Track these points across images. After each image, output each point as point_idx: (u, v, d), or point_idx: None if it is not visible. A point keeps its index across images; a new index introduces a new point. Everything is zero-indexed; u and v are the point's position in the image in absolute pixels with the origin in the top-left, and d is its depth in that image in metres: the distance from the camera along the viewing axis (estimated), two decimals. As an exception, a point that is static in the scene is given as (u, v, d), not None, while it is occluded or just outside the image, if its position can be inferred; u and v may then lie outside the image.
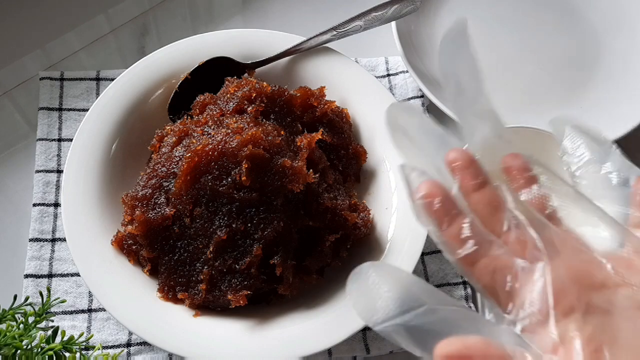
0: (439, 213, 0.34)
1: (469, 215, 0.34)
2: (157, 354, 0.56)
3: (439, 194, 0.34)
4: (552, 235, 0.34)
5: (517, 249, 0.33)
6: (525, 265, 0.33)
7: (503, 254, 0.33)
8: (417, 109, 0.38)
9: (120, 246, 0.55)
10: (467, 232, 0.33)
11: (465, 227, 0.34)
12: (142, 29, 0.75)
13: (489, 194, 0.35)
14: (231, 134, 0.54)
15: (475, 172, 0.36)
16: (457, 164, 0.36)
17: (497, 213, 0.35)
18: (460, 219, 0.34)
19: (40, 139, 0.64)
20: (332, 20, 0.64)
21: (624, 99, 0.71)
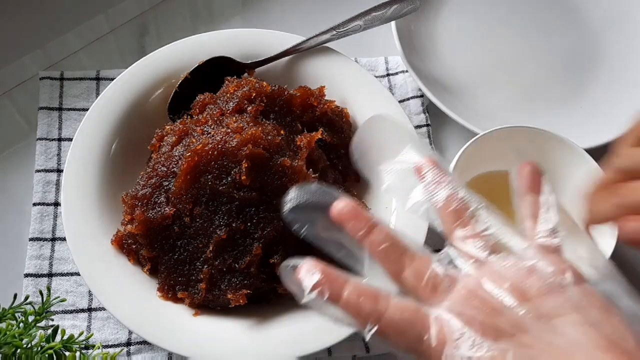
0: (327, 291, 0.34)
1: (350, 278, 0.35)
2: (156, 353, 0.56)
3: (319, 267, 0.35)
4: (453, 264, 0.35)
5: (417, 287, 0.35)
6: (428, 309, 0.34)
7: (404, 307, 0.34)
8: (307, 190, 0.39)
9: (120, 245, 0.55)
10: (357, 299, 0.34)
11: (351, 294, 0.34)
12: (142, 29, 0.75)
13: (377, 237, 0.36)
14: (231, 133, 0.54)
15: (359, 219, 0.37)
16: (342, 215, 0.37)
17: (392, 252, 0.36)
18: (346, 286, 0.34)
19: (40, 139, 0.64)
20: (332, 20, 0.64)
21: (623, 99, 0.71)
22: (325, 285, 0.34)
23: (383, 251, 0.36)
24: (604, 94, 0.72)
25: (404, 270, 0.36)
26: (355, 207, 0.37)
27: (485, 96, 0.72)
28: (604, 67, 0.74)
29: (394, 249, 0.36)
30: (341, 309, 0.34)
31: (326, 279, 0.34)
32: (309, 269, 0.35)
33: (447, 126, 0.70)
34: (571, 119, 0.70)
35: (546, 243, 0.36)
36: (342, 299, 0.34)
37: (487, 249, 0.35)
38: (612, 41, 0.76)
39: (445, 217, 0.37)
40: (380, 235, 0.36)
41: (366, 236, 0.36)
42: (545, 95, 0.72)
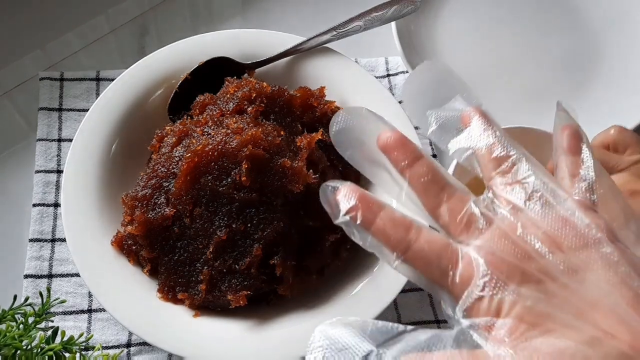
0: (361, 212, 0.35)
1: (386, 206, 0.35)
2: (157, 354, 0.56)
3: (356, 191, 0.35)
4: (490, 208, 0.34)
5: (451, 223, 0.34)
6: (458, 245, 0.34)
7: (434, 240, 0.34)
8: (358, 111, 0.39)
9: (120, 246, 0.55)
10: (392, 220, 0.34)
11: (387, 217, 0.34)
12: (142, 29, 0.75)
13: (419, 169, 0.36)
14: (231, 134, 0.54)
15: (404, 150, 0.36)
16: (388, 145, 0.37)
17: (432, 186, 0.35)
18: (380, 213, 0.34)
19: (40, 139, 0.64)
20: (332, 20, 0.64)
21: (624, 98, 0.71)
22: (360, 210, 0.35)
23: (423, 184, 0.36)
24: (604, 94, 0.72)
25: (441, 206, 0.35)
26: (402, 137, 0.37)
27: (485, 96, 0.71)
28: (604, 67, 0.74)
29: (434, 183, 0.36)
30: (372, 235, 0.34)
31: (362, 204, 0.35)
32: (347, 193, 0.35)
33: (447, 126, 0.70)
34: (571, 119, 0.70)
35: (583, 199, 0.35)
36: (374, 225, 0.34)
37: (525, 196, 0.35)
38: (612, 41, 0.76)
39: (486, 163, 0.37)
40: (423, 168, 0.36)
41: (409, 167, 0.36)
42: (545, 95, 0.72)
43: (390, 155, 0.37)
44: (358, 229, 0.35)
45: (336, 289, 0.55)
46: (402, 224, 0.34)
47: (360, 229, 0.35)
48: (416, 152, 0.37)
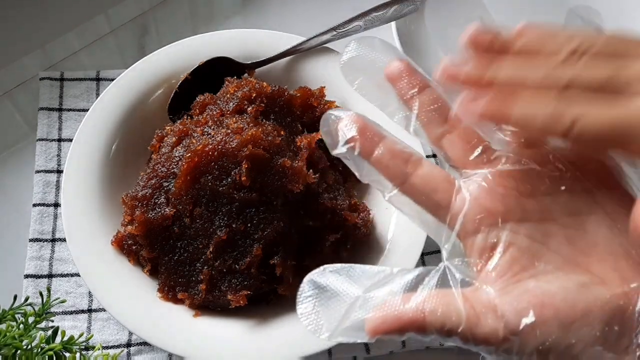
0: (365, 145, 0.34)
1: (386, 137, 0.34)
2: (157, 354, 0.56)
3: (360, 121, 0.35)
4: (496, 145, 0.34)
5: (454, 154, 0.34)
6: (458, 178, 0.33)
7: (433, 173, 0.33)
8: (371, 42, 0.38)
9: (120, 246, 0.55)
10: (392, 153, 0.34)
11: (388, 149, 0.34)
12: (142, 29, 0.75)
13: (424, 98, 0.35)
14: (231, 134, 0.54)
15: (410, 80, 0.36)
16: (394, 74, 0.36)
17: (437, 117, 0.35)
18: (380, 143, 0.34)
19: (40, 139, 0.64)
20: (332, 20, 0.64)
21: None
22: (359, 141, 0.34)
23: (429, 112, 0.35)
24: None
25: (444, 137, 0.35)
26: (410, 66, 0.36)
27: (485, 96, 0.72)
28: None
29: (440, 112, 0.35)
30: (371, 165, 0.34)
31: (361, 135, 0.34)
32: (349, 123, 0.35)
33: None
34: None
35: None
36: (373, 156, 0.34)
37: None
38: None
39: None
40: (431, 97, 0.36)
41: (416, 96, 0.36)
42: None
43: (398, 83, 0.36)
44: (356, 158, 0.34)
45: (336, 289, 0.55)
46: (400, 156, 0.34)
47: (358, 159, 0.34)
48: (423, 82, 0.36)
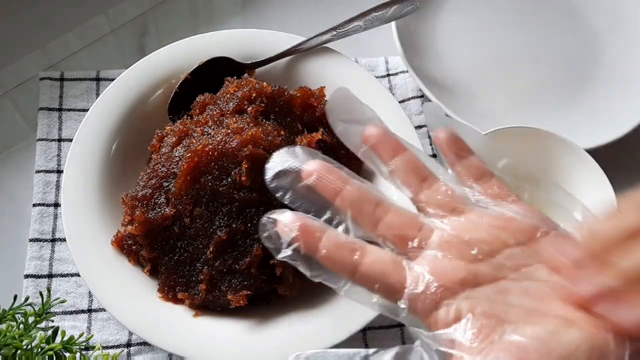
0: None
1: (328, 230, 0.34)
2: (157, 354, 0.56)
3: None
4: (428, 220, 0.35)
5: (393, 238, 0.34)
6: (404, 259, 0.34)
7: (381, 258, 0.34)
8: None
9: (120, 246, 0.55)
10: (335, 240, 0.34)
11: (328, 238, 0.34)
12: (142, 29, 0.75)
13: (350, 194, 0.36)
14: (231, 134, 0.54)
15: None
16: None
17: (366, 205, 0.35)
18: (323, 238, 0.34)
19: (40, 139, 0.64)
20: (332, 20, 0.64)
21: (624, 99, 0.71)
22: (302, 240, 0.34)
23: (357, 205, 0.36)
24: (604, 94, 0.72)
25: (379, 223, 0.35)
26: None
27: (485, 96, 0.72)
28: (604, 67, 0.74)
29: (367, 202, 0.36)
30: (319, 262, 0.34)
31: (303, 233, 0.34)
32: (287, 224, 0.35)
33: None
34: (571, 119, 0.70)
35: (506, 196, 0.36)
36: (318, 252, 0.34)
37: (455, 205, 0.35)
38: (612, 41, 0.76)
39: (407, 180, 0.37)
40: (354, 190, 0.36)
41: (339, 193, 0.36)
42: (545, 95, 0.72)
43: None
44: (303, 259, 0.34)
45: (336, 289, 0.55)
46: (346, 246, 0.34)
47: (306, 258, 0.34)
48: (345, 178, 0.36)
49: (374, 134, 0.38)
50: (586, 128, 0.69)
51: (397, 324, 0.58)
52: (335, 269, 0.34)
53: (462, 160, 0.38)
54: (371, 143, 0.38)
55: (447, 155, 0.38)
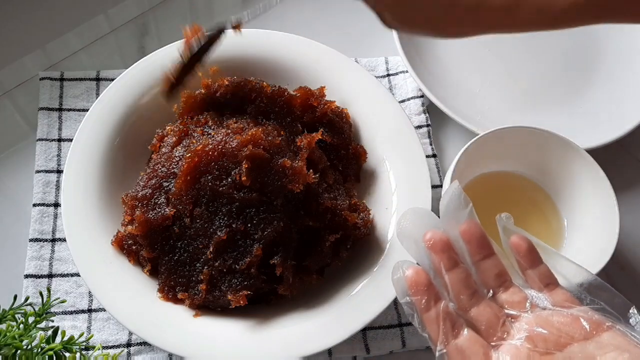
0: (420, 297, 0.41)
1: (441, 301, 0.41)
2: (157, 354, 0.56)
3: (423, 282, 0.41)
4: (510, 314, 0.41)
5: (483, 324, 0.40)
6: (490, 348, 0.39)
7: (472, 340, 0.40)
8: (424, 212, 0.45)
9: (120, 246, 0.55)
10: None
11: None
12: (142, 29, 0.75)
13: (461, 274, 0.42)
14: (231, 134, 0.54)
15: (449, 255, 0.42)
16: (432, 244, 0.43)
17: (467, 290, 0.42)
18: (437, 304, 0.41)
19: (40, 139, 0.64)
20: (332, 19, 0.64)
21: (624, 99, 0.71)
22: (424, 297, 0.40)
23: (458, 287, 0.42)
24: (604, 94, 0.72)
25: (471, 309, 0.41)
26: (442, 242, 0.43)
27: (485, 96, 0.72)
28: (604, 67, 0.74)
29: (467, 287, 0.42)
30: (424, 321, 0.40)
31: (425, 292, 0.41)
32: (412, 279, 0.41)
33: (447, 126, 0.70)
34: (571, 119, 0.70)
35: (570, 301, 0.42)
36: (428, 313, 0.40)
37: (530, 306, 0.41)
38: (612, 41, 0.76)
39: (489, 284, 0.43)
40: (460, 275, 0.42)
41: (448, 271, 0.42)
42: (545, 96, 0.72)
43: (434, 257, 0.43)
44: (418, 313, 0.41)
45: (336, 289, 0.55)
46: (450, 319, 0.40)
47: (417, 315, 0.41)
48: (455, 259, 0.42)
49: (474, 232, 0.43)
50: (586, 128, 0.69)
51: (396, 323, 0.58)
52: (435, 335, 0.40)
53: (534, 268, 0.43)
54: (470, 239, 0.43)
55: (522, 262, 0.44)
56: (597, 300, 0.42)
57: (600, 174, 0.58)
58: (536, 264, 0.44)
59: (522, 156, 0.62)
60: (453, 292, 0.42)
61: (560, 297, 0.42)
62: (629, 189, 0.68)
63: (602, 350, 0.38)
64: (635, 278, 0.63)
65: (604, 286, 0.43)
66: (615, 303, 0.42)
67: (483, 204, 0.63)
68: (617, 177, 0.58)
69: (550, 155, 0.61)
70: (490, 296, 0.42)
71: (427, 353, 0.58)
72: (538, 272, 0.43)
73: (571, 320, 0.39)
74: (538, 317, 0.40)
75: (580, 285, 0.43)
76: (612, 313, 0.41)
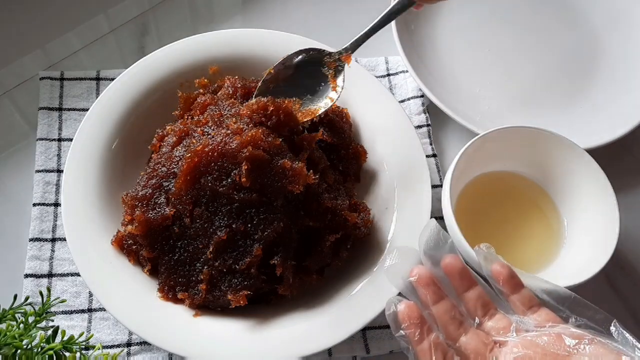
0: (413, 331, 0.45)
1: (435, 331, 0.45)
2: (157, 354, 0.56)
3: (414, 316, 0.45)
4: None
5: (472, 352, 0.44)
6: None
7: None
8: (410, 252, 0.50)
9: (121, 246, 0.55)
10: None
11: None
12: (142, 29, 0.75)
13: (446, 306, 0.46)
14: (231, 134, 0.54)
15: (435, 288, 0.47)
16: (417, 279, 0.47)
17: (454, 321, 0.45)
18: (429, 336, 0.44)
19: (40, 139, 0.64)
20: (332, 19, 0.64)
21: (624, 99, 0.71)
22: (417, 330, 0.44)
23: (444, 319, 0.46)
24: (604, 94, 0.72)
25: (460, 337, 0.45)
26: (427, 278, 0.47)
27: (485, 96, 0.72)
28: (604, 67, 0.74)
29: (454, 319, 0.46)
30: (417, 354, 0.44)
31: (418, 325, 0.44)
32: (409, 312, 0.45)
33: (447, 126, 0.70)
34: (571, 119, 0.70)
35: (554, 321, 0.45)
36: (421, 345, 0.44)
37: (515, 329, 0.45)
38: (612, 41, 0.76)
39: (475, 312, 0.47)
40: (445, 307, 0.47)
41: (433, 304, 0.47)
42: (545, 96, 0.72)
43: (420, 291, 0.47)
44: (412, 346, 0.44)
45: (336, 289, 0.55)
46: (441, 350, 0.43)
47: (410, 343, 0.44)
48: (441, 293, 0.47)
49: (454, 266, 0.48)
50: (586, 128, 0.69)
51: (397, 323, 0.58)
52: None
53: (516, 294, 0.47)
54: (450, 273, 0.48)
55: (504, 288, 0.47)
56: (580, 318, 0.45)
57: (600, 174, 0.58)
58: (518, 289, 0.47)
59: (522, 156, 0.62)
60: (440, 323, 0.45)
61: (544, 318, 0.45)
62: (629, 189, 0.68)
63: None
64: (635, 278, 0.63)
65: (586, 304, 0.46)
66: (598, 319, 0.45)
67: (483, 204, 0.63)
68: (617, 177, 0.58)
69: (550, 155, 0.61)
70: (477, 324, 0.46)
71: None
72: (521, 296, 0.47)
73: (555, 339, 0.42)
74: (524, 341, 0.43)
75: (563, 304, 0.46)
76: (594, 328, 0.44)
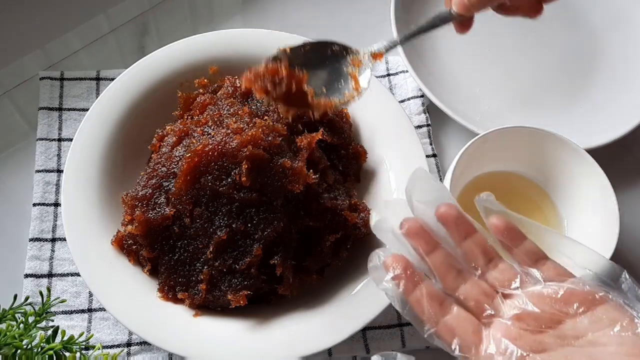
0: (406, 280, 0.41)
1: (426, 279, 0.41)
2: (157, 354, 0.56)
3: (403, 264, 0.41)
4: None
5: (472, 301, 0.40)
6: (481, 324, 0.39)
7: (462, 317, 0.39)
8: None
9: (121, 246, 0.55)
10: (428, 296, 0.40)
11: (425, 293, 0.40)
12: (142, 29, 0.75)
13: (442, 255, 0.42)
14: (231, 134, 0.54)
15: (427, 238, 0.42)
16: (406, 230, 0.43)
17: (451, 269, 0.41)
18: (420, 285, 0.40)
19: (40, 139, 0.64)
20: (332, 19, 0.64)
21: (624, 99, 0.71)
22: (403, 280, 0.40)
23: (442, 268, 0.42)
24: (604, 94, 0.72)
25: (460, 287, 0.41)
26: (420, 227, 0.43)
27: (485, 96, 0.72)
28: (604, 67, 0.74)
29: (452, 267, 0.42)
30: (409, 304, 0.40)
31: (405, 274, 0.40)
32: (394, 262, 0.41)
33: (447, 126, 0.70)
34: (571, 119, 0.70)
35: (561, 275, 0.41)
36: (412, 295, 0.40)
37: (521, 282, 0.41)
38: (612, 41, 0.76)
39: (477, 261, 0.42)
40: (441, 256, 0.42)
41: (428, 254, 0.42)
42: (545, 96, 0.72)
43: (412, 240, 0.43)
44: (399, 297, 0.40)
45: (336, 289, 0.55)
46: (436, 299, 0.40)
47: (402, 298, 0.40)
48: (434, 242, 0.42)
49: (450, 214, 0.43)
50: (586, 128, 0.69)
51: (396, 323, 0.58)
52: (422, 315, 0.39)
53: (519, 247, 0.42)
54: (446, 222, 0.43)
55: (504, 242, 0.43)
56: (589, 269, 0.41)
57: (600, 174, 0.58)
58: (520, 241, 0.42)
59: (522, 156, 0.62)
60: (438, 274, 0.41)
61: (551, 272, 0.41)
62: (629, 189, 0.68)
63: (595, 326, 0.37)
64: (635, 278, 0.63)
65: (594, 253, 0.42)
66: (607, 269, 0.41)
67: (483, 204, 0.63)
68: (617, 177, 0.58)
69: (550, 155, 0.61)
70: (479, 274, 0.42)
71: (427, 353, 0.58)
72: (524, 248, 0.42)
73: (564, 294, 0.39)
74: (530, 294, 0.39)
75: None
76: (605, 281, 0.40)
